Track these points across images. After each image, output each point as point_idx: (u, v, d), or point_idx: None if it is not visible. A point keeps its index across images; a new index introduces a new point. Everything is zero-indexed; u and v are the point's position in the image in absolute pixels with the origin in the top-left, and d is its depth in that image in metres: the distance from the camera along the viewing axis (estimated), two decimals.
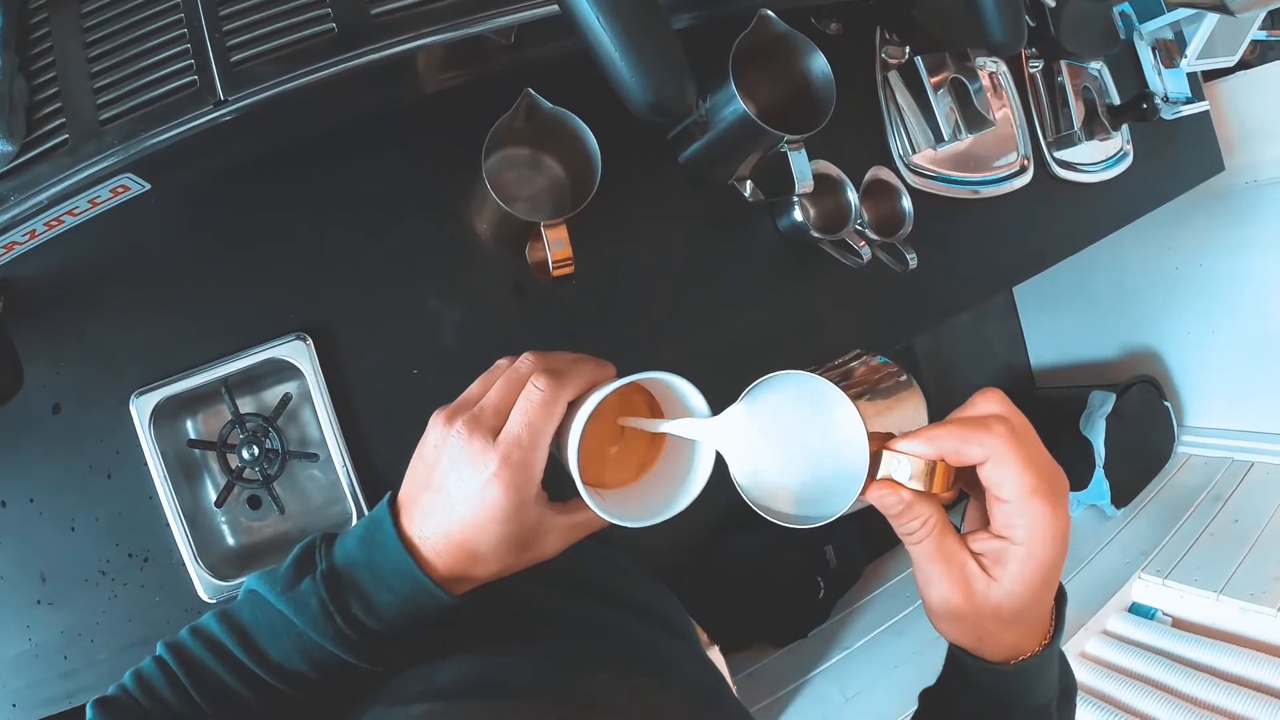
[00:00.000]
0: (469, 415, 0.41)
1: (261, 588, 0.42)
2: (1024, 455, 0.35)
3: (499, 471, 0.39)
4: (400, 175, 0.70)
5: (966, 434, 0.36)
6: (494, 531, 0.40)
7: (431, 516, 0.41)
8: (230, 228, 0.67)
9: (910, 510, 0.37)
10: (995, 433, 0.35)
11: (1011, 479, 0.35)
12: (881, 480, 0.37)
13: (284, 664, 0.41)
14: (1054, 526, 0.35)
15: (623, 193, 0.64)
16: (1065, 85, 1.06)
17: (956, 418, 0.38)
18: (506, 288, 0.73)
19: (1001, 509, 0.36)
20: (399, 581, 0.41)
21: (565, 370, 0.42)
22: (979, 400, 0.38)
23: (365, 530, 0.43)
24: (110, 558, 0.65)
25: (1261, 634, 1.40)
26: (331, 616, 0.40)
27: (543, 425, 0.40)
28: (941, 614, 0.39)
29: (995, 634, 0.39)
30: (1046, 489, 0.35)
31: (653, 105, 0.53)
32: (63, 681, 0.64)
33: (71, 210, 0.60)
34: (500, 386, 0.42)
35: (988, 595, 0.37)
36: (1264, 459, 1.75)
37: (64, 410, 0.65)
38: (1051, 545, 0.36)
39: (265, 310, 0.67)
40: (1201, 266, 1.78)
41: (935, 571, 0.38)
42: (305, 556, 0.43)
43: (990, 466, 0.36)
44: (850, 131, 0.84)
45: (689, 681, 0.53)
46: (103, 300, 0.65)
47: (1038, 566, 0.36)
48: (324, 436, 0.67)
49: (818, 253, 0.83)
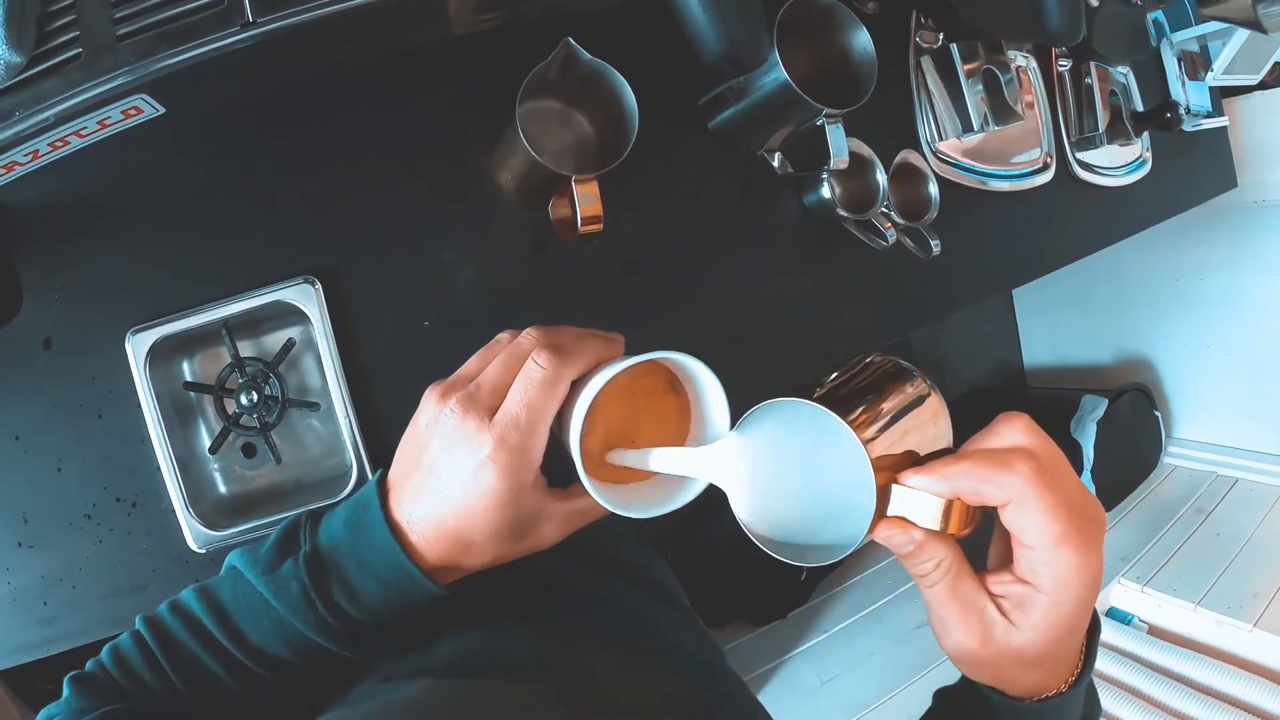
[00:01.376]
0: (464, 393, 0.39)
1: (243, 566, 0.40)
2: (1050, 498, 0.31)
3: (494, 455, 0.37)
4: (423, 120, 0.68)
5: (985, 472, 0.32)
6: (487, 519, 0.38)
7: (421, 501, 0.39)
8: (244, 163, 0.64)
9: (922, 551, 0.34)
10: (1018, 473, 0.32)
11: (1036, 525, 0.32)
12: (891, 519, 0.34)
13: (264, 648, 0.39)
14: (1083, 574, 0.32)
15: (648, 155, 0.62)
16: (1093, 87, 1.05)
17: (976, 450, 0.34)
18: (524, 244, 0.71)
19: (1026, 554, 0.33)
20: (384, 569, 0.39)
21: (569, 347, 0.39)
22: (1002, 428, 0.34)
23: (352, 512, 0.41)
24: (97, 501, 0.63)
25: (1236, 648, 1.43)
26: (313, 603, 0.38)
27: (543, 406, 0.38)
28: (959, 658, 0.37)
29: (1016, 676, 0.36)
30: (1076, 533, 0.32)
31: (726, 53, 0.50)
32: (40, 628, 0.62)
33: (79, 131, 0.56)
34: (499, 363, 0.40)
35: (1008, 641, 0.34)
36: (1249, 476, 1.78)
37: (56, 345, 0.62)
38: (1080, 591, 0.32)
39: (273, 251, 0.65)
40: (1203, 281, 1.79)
41: (951, 617, 0.35)
42: (289, 536, 0.41)
43: (1012, 510, 0.32)
44: (880, 113, 0.82)
45: (687, 655, 0.52)
46: (103, 231, 0.62)
47: (1064, 614, 0.33)
48: (326, 386, 0.65)
49: (841, 232, 0.82)
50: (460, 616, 0.44)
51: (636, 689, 0.44)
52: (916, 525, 0.33)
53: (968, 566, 0.35)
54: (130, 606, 0.63)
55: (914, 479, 0.33)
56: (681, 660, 0.51)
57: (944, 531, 0.33)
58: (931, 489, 0.33)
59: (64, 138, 0.56)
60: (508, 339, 0.41)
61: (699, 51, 0.51)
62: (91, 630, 0.63)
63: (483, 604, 0.45)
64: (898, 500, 0.34)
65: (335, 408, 0.65)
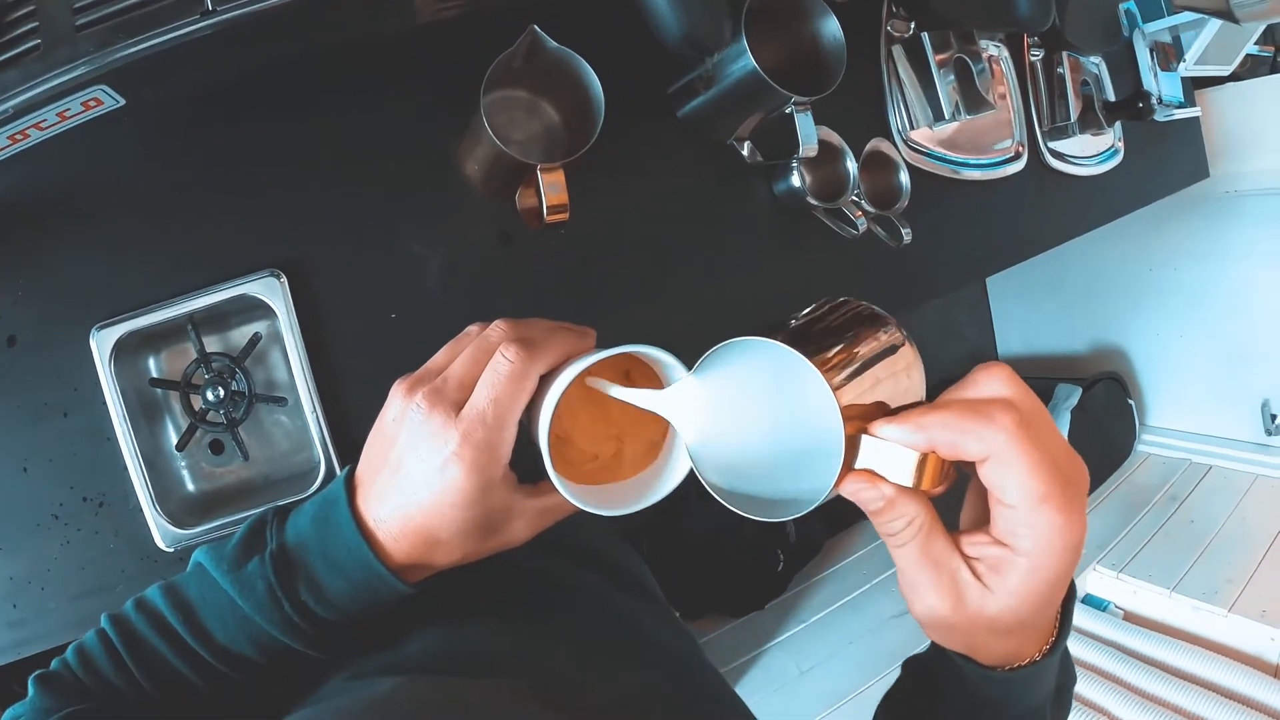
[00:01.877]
0: (430, 387, 0.38)
1: (208, 563, 0.39)
2: (1034, 453, 0.29)
3: (460, 451, 0.36)
4: (389, 111, 0.67)
5: (964, 423, 0.30)
6: (455, 516, 0.37)
7: (388, 498, 0.38)
8: (207, 155, 0.63)
9: (892, 508, 0.32)
10: (999, 425, 0.29)
11: (1017, 483, 0.30)
12: (859, 471, 0.32)
13: (229, 647, 0.39)
14: (1066, 537, 0.30)
15: (617, 144, 0.62)
16: (1065, 77, 1.05)
17: (953, 399, 0.32)
18: (493, 235, 0.70)
19: (1004, 514, 0.31)
20: (352, 567, 0.38)
21: (539, 340, 0.38)
22: (981, 377, 0.32)
23: (319, 508, 0.40)
24: (64, 501, 0.62)
25: (1210, 633, 1.45)
26: (279, 601, 0.37)
27: (510, 401, 0.37)
28: (928, 624, 0.35)
29: (988, 644, 0.35)
30: (1059, 493, 0.29)
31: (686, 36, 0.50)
32: (10, 631, 0.61)
33: (39, 123, 0.55)
34: (467, 356, 0.39)
35: (982, 607, 0.32)
36: (1221, 463, 1.80)
37: (20, 342, 0.61)
38: (1062, 556, 0.30)
39: (238, 244, 0.64)
40: (1176, 270, 1.81)
41: (922, 579, 0.33)
42: (255, 533, 0.40)
43: (992, 466, 0.30)
44: (850, 101, 0.82)
45: (664, 650, 0.52)
46: (67, 226, 0.61)
47: (1043, 580, 0.31)
48: (293, 380, 0.64)
49: (811, 220, 0.82)
50: (431, 612, 0.44)
51: (613, 685, 0.43)
52: (887, 480, 0.31)
53: (940, 526, 0.33)
54: (99, 607, 0.61)
55: (886, 429, 0.31)
56: (659, 655, 0.50)
57: (916, 487, 0.31)
58: (904, 440, 0.31)
59: (23, 130, 0.55)
60: (476, 331, 0.41)
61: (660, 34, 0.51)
62: (62, 632, 0.62)
63: (454, 599, 0.45)
64: (868, 452, 0.31)
65: (303, 402, 0.64)
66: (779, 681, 1.53)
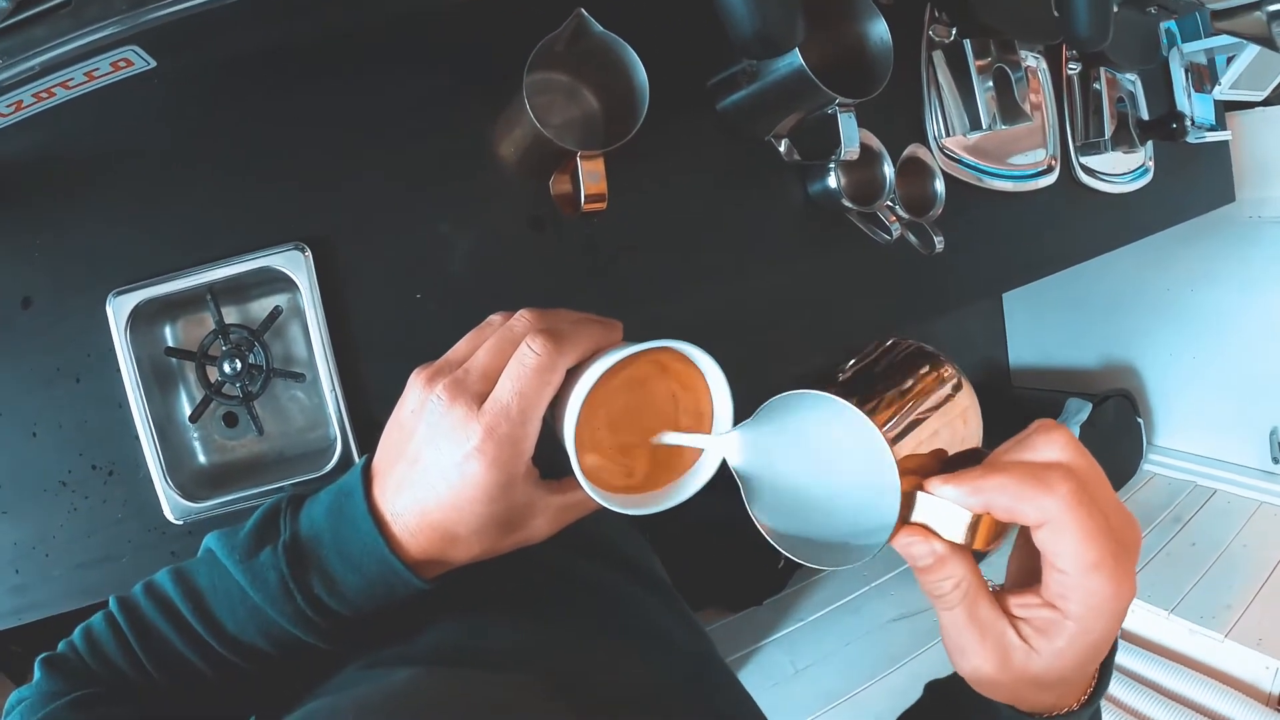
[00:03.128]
0: (452, 378, 0.37)
1: (220, 551, 0.38)
2: (1089, 522, 0.30)
3: (482, 446, 0.35)
4: (424, 87, 0.65)
5: (1022, 489, 0.30)
6: (475, 512, 0.36)
7: (405, 492, 0.37)
8: (236, 122, 0.62)
9: (943, 567, 0.32)
10: (1057, 494, 0.30)
11: (1072, 550, 0.30)
12: (913, 526, 0.32)
13: (240, 637, 0.38)
14: (1115, 603, 0.30)
15: (654, 134, 0.60)
16: (1102, 92, 1.04)
17: (1013, 462, 0.32)
18: (524, 219, 0.69)
19: (1057, 578, 0.31)
20: (367, 562, 0.37)
21: (566, 333, 0.37)
22: (1040, 440, 0.32)
23: (334, 499, 0.39)
24: (72, 468, 0.60)
25: (1207, 657, 1.45)
26: (291, 594, 0.37)
27: (536, 395, 0.36)
28: (973, 682, 0.35)
29: (1030, 697, 0.35)
30: (1112, 560, 0.30)
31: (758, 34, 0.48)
32: (12, 596, 0.60)
33: (65, 82, 0.54)
34: (490, 347, 0.38)
35: (1027, 666, 0.33)
36: (1226, 488, 1.80)
37: (35, 305, 0.60)
38: (1111, 621, 0.31)
39: (263, 216, 0.62)
40: (1193, 292, 1.80)
41: (968, 642, 0.33)
42: (269, 521, 0.39)
43: (1048, 532, 0.30)
44: (889, 104, 0.81)
45: (677, 644, 0.51)
46: (88, 189, 0.60)
47: (1089, 642, 0.31)
48: (312, 356, 0.63)
49: (844, 223, 0.81)
50: (447, 603, 0.43)
51: (626, 680, 0.43)
52: (939, 536, 0.32)
53: (986, 589, 0.33)
54: (104, 577, 0.61)
55: (944, 489, 0.31)
56: (675, 652, 0.50)
57: (968, 546, 0.31)
58: (962, 501, 0.31)
59: (50, 89, 0.54)
60: (500, 321, 0.39)
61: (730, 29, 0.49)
62: (64, 600, 0.61)
63: (472, 591, 0.44)
64: (922, 508, 0.32)
65: (321, 379, 0.63)
66: (775, 679, 1.54)
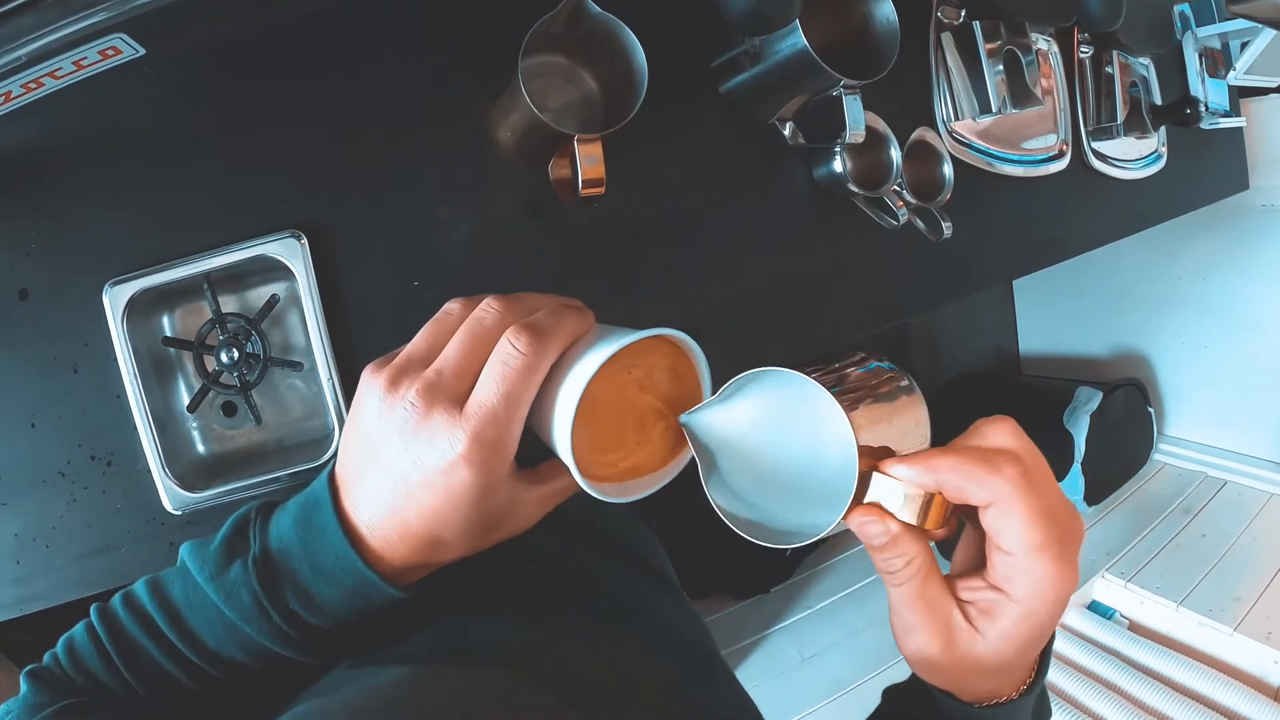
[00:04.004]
0: (423, 382, 0.34)
1: (192, 565, 0.37)
2: (1034, 504, 0.31)
3: (468, 453, 0.33)
4: (419, 71, 0.64)
5: (972, 470, 0.31)
6: (460, 517, 0.35)
7: (380, 503, 0.35)
8: (229, 109, 0.61)
9: (895, 545, 0.33)
10: (1004, 475, 0.31)
11: (1017, 531, 0.31)
12: (868, 505, 0.33)
13: (220, 652, 0.37)
14: (1058, 586, 0.32)
15: (654, 117, 0.59)
16: (1114, 76, 1.02)
17: (963, 446, 0.33)
18: (522, 205, 0.68)
19: (1002, 559, 0.32)
20: (341, 575, 0.35)
21: (546, 327, 0.35)
22: (988, 429, 0.34)
23: (301, 511, 0.37)
24: (71, 459, 0.60)
25: (1215, 650, 1.43)
26: (266, 611, 0.35)
27: (523, 396, 0.34)
28: (917, 663, 0.36)
29: (972, 682, 0.36)
30: (1055, 543, 0.31)
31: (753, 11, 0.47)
32: (13, 587, 0.60)
33: (54, 72, 0.53)
34: (462, 343, 0.35)
35: (971, 648, 0.34)
36: (1237, 479, 1.78)
37: (31, 296, 0.59)
38: (1053, 605, 0.32)
39: (258, 203, 0.61)
40: (1205, 281, 1.78)
41: (915, 619, 0.34)
42: (238, 532, 0.37)
43: (994, 513, 0.32)
44: (896, 87, 0.80)
45: (677, 639, 0.51)
46: (82, 179, 0.59)
47: (1031, 625, 0.33)
48: (310, 344, 0.62)
49: (849, 208, 0.79)
50: (442, 598, 0.42)
51: (624, 676, 0.42)
52: (893, 516, 0.33)
53: (937, 569, 0.34)
54: (104, 568, 0.61)
55: (898, 468, 0.33)
56: (677, 648, 0.49)
57: (921, 526, 0.33)
58: (915, 480, 0.32)
59: (38, 79, 0.53)
60: (459, 310, 0.37)
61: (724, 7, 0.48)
62: (65, 591, 0.61)
63: (464, 585, 0.43)
64: (877, 488, 0.33)
65: (319, 368, 0.62)
66: (781, 667, 1.53)
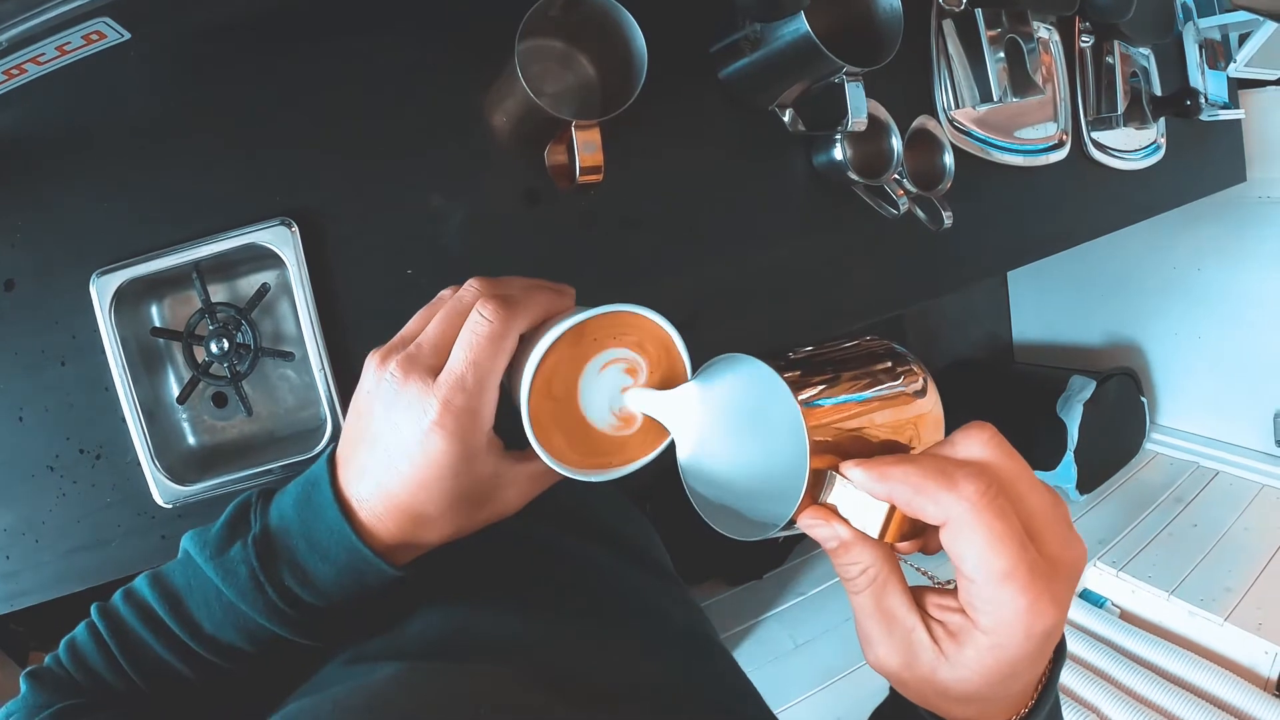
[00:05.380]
0: (404, 355, 0.36)
1: (193, 549, 0.38)
2: (998, 526, 0.26)
3: (440, 419, 0.34)
4: (411, 54, 0.63)
5: (924, 483, 0.27)
6: (440, 489, 0.35)
7: (368, 475, 0.36)
8: (217, 95, 0.59)
9: (847, 552, 0.30)
10: (960, 492, 0.27)
11: (976, 556, 0.27)
12: (819, 507, 0.30)
13: (217, 636, 0.37)
14: (1030, 620, 0.26)
15: (652, 103, 0.58)
16: (1115, 66, 1.01)
17: (925, 455, 0.30)
18: (518, 192, 0.67)
19: (965, 585, 0.28)
20: (335, 550, 0.36)
21: (517, 298, 0.36)
22: (960, 437, 0.30)
23: (301, 489, 0.38)
24: (60, 452, 0.59)
25: (1205, 639, 1.45)
26: (262, 587, 0.36)
27: (490, 362, 0.35)
28: (880, 673, 0.33)
29: (946, 708, 0.31)
30: (1026, 572, 0.26)
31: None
32: (2, 583, 0.59)
33: (36, 57, 0.52)
34: (440, 319, 0.37)
35: (934, 671, 0.30)
36: (1229, 469, 1.80)
37: (17, 287, 0.58)
38: (1026, 641, 0.27)
39: (248, 190, 0.60)
40: (1200, 271, 1.78)
41: (874, 631, 0.31)
42: (239, 516, 0.39)
43: (949, 533, 0.27)
44: (897, 74, 0.79)
45: (674, 630, 0.50)
46: (68, 167, 0.58)
47: (1003, 660, 0.28)
48: (301, 334, 0.61)
49: (849, 197, 0.78)
50: (435, 591, 0.42)
51: (625, 671, 0.42)
52: (842, 520, 0.30)
53: (899, 578, 0.31)
54: (94, 562, 0.60)
55: (852, 470, 0.29)
56: (669, 635, 0.49)
57: (880, 538, 0.30)
58: (864, 486, 0.29)
59: (20, 65, 0.52)
60: (450, 295, 0.39)
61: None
62: (55, 586, 0.60)
63: (460, 577, 0.43)
64: (839, 492, 0.30)
65: (310, 358, 0.61)
66: (774, 653, 1.54)
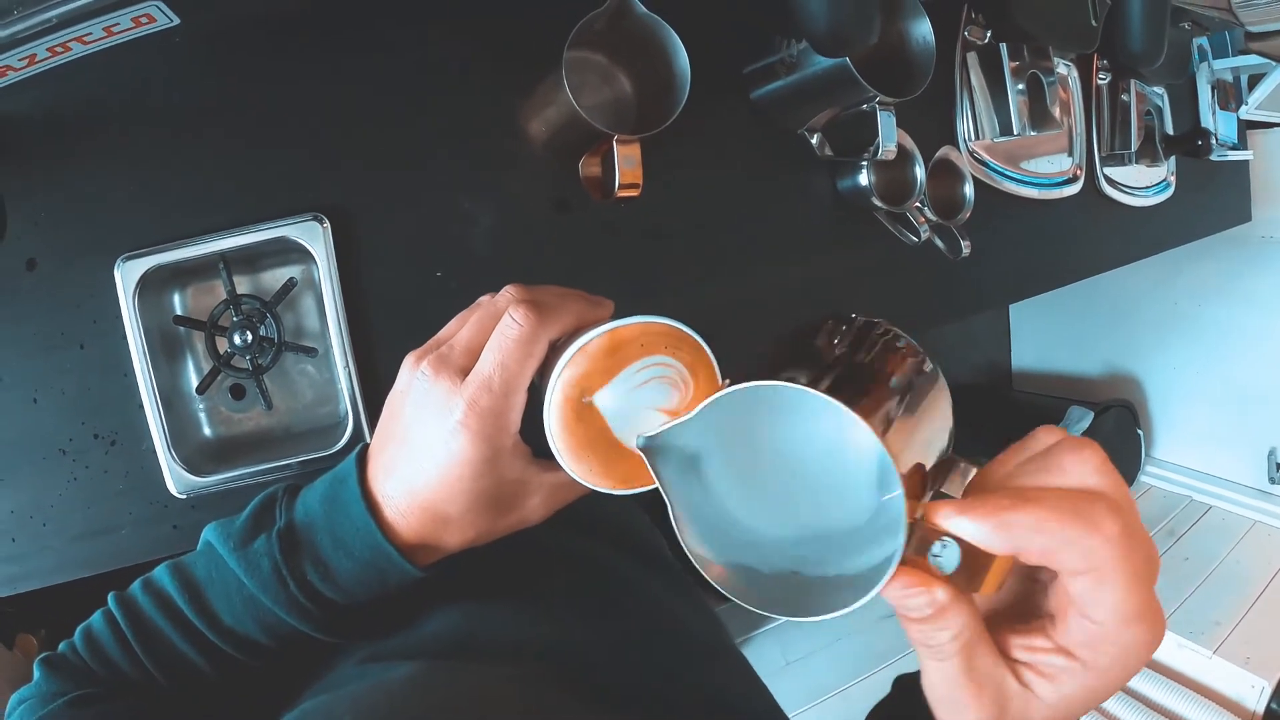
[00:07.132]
0: (436, 355, 0.37)
1: (216, 540, 0.38)
2: (1132, 568, 0.25)
3: (465, 419, 0.35)
4: (452, 58, 0.63)
5: (1065, 530, 0.25)
6: (463, 489, 0.36)
7: (395, 473, 0.37)
8: (257, 86, 0.60)
9: (941, 618, 0.26)
10: (1105, 535, 0.25)
11: (1113, 602, 0.25)
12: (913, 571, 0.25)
13: (236, 629, 0.37)
14: (1143, 653, 0.26)
15: (684, 120, 0.59)
16: (1131, 104, 1.02)
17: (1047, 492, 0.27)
18: (549, 200, 0.67)
19: (1085, 627, 0.26)
20: (359, 546, 0.37)
21: (549, 304, 0.37)
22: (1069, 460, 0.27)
23: (329, 485, 0.39)
24: (74, 436, 0.59)
25: (1194, 673, 1.45)
26: (285, 581, 0.36)
27: (518, 366, 0.35)
28: None
29: None
30: (1149, 608, 0.26)
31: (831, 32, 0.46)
32: (6, 565, 0.59)
33: (83, 36, 0.52)
34: (474, 322, 0.38)
35: (1025, 713, 0.28)
36: (1222, 505, 1.81)
37: (40, 267, 0.58)
38: (1135, 668, 0.27)
39: (281, 184, 0.60)
40: (1200, 307, 1.80)
41: (961, 698, 0.28)
42: (265, 509, 0.39)
43: (1090, 581, 0.25)
44: (923, 105, 0.79)
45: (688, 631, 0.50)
46: (100, 149, 0.58)
47: (1104, 688, 0.27)
48: (325, 331, 0.61)
49: (871, 222, 0.79)
50: (452, 591, 0.42)
51: (639, 672, 0.42)
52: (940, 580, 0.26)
53: (986, 634, 0.28)
54: (102, 549, 0.60)
55: (959, 522, 0.25)
56: (682, 635, 0.49)
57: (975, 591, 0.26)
58: (984, 542, 0.25)
59: (65, 43, 0.52)
60: (488, 301, 0.39)
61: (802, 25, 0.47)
62: (60, 571, 0.59)
63: (477, 578, 0.43)
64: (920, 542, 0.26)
65: (334, 354, 0.61)
66: (765, 670, 1.52)
